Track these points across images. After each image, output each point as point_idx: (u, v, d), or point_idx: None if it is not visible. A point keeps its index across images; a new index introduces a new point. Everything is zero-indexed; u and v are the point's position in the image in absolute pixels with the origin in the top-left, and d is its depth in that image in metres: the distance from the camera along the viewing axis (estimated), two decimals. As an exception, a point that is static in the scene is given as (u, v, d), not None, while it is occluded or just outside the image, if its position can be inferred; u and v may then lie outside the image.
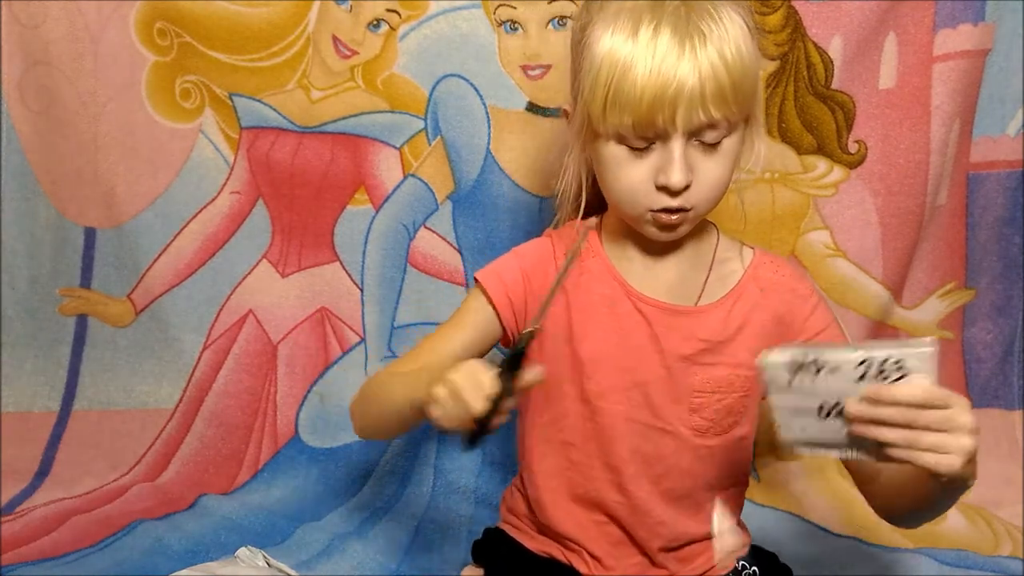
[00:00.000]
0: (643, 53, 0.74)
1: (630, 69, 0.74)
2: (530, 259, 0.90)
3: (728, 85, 0.74)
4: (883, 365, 0.67)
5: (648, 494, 0.88)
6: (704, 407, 0.86)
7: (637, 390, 0.86)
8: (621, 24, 0.76)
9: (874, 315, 1.29)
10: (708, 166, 0.78)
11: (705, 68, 0.74)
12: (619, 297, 0.86)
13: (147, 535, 1.16)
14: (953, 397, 0.66)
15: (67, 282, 1.36)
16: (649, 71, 0.74)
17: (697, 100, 0.74)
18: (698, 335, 0.85)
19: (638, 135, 0.77)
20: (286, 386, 1.34)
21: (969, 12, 1.21)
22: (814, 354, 0.69)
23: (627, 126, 0.76)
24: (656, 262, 0.87)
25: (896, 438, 0.67)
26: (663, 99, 0.74)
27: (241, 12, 1.26)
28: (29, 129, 1.33)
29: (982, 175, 1.28)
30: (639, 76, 0.74)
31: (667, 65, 0.74)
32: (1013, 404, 1.33)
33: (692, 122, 0.75)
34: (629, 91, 0.75)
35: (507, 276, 0.89)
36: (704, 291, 0.87)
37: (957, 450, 0.65)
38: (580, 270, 0.88)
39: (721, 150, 0.78)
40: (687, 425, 0.86)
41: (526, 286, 0.88)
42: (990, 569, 1.14)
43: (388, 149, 1.29)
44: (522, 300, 0.89)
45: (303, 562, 1.12)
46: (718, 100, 0.75)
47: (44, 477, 1.30)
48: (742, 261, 0.89)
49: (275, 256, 1.34)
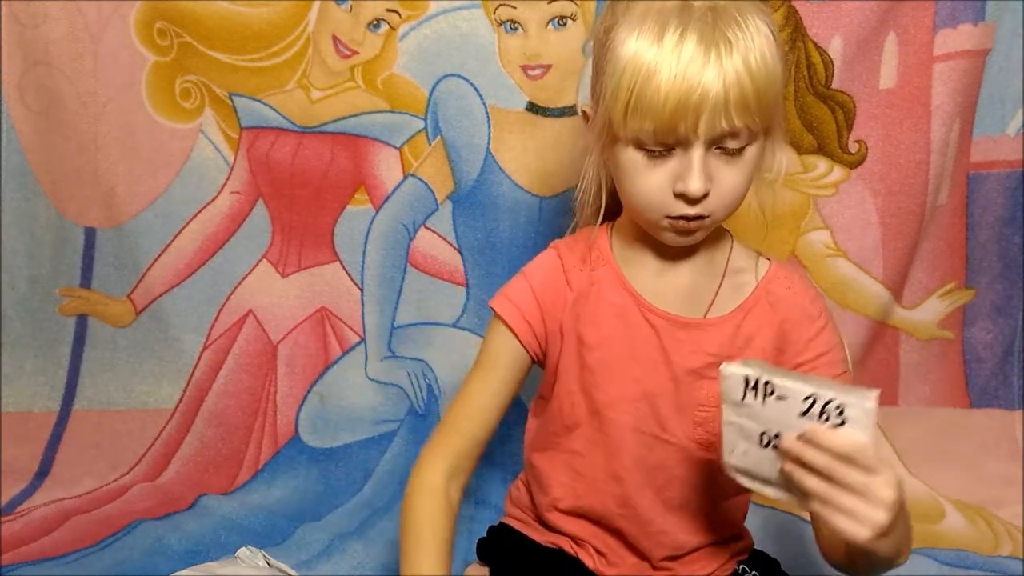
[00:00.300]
0: (668, 58, 0.73)
1: (654, 74, 0.73)
2: (540, 278, 0.89)
3: (752, 94, 0.73)
4: (826, 407, 0.64)
5: (651, 503, 0.87)
6: (708, 421, 0.85)
7: (645, 401, 0.86)
8: (647, 28, 0.75)
9: (874, 315, 1.29)
10: (728, 174, 0.78)
11: (730, 76, 0.73)
12: (629, 307, 0.86)
13: (147, 535, 1.16)
14: (882, 466, 0.64)
15: (67, 282, 1.36)
16: (674, 77, 0.73)
17: (720, 108, 0.73)
18: (706, 349, 0.85)
19: (659, 141, 0.76)
20: (286, 386, 1.34)
21: (969, 12, 1.21)
22: (769, 376, 0.67)
23: (648, 132, 0.75)
24: (668, 269, 0.86)
25: (815, 488, 0.65)
26: (686, 106, 0.73)
27: (241, 12, 1.26)
28: (29, 129, 1.33)
29: (982, 175, 1.28)
30: (663, 82, 0.73)
31: (692, 71, 0.72)
32: (1013, 404, 1.33)
33: (715, 130, 0.74)
34: (652, 96, 0.74)
35: (521, 301, 0.88)
36: (715, 301, 0.86)
37: (867, 521, 0.63)
38: (591, 279, 0.87)
39: (742, 159, 0.78)
40: (691, 438, 0.86)
41: (541, 307, 0.88)
42: (990, 569, 1.14)
43: (388, 149, 1.29)
44: (540, 323, 0.88)
45: (303, 562, 1.12)
46: (741, 108, 0.74)
47: (44, 477, 1.30)
48: (756, 273, 0.87)
49: (275, 256, 1.34)
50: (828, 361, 0.86)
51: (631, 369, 0.86)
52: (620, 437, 0.87)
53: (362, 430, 1.32)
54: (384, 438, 1.32)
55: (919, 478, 1.28)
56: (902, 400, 1.33)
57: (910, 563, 1.14)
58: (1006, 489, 1.27)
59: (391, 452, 1.31)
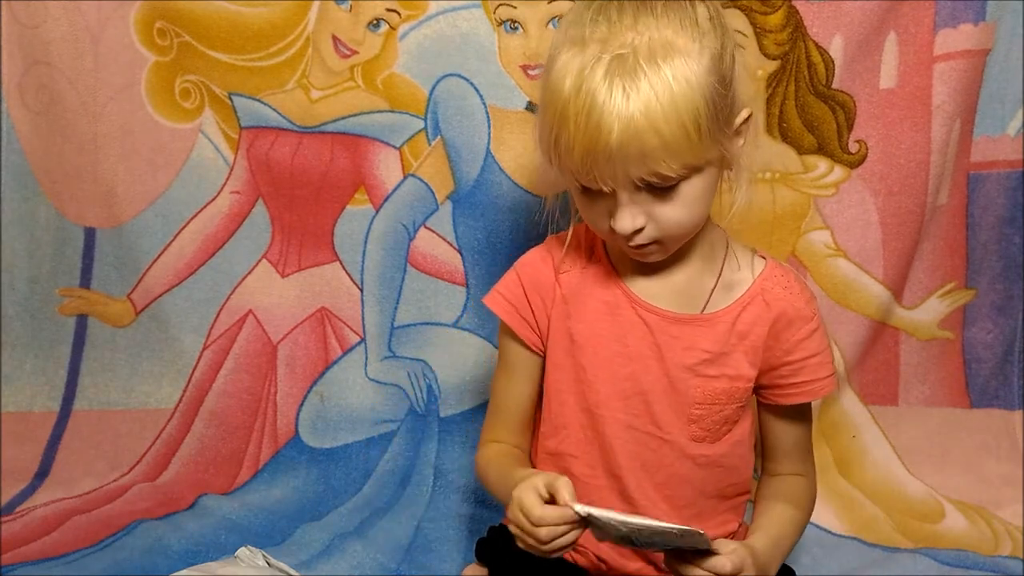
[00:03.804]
0: (574, 103, 0.72)
1: (564, 120, 0.73)
2: (529, 274, 0.89)
3: (658, 143, 0.71)
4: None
5: (652, 502, 0.87)
6: (703, 418, 0.86)
7: (638, 398, 0.86)
8: (564, 65, 0.73)
9: (875, 315, 1.29)
10: (663, 210, 0.76)
11: (628, 127, 0.70)
12: (621, 303, 0.86)
13: (147, 535, 1.16)
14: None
15: (67, 282, 1.35)
16: (578, 127, 0.72)
17: (623, 158, 0.71)
18: (700, 345, 0.84)
19: (585, 183, 0.76)
20: (286, 386, 1.34)
21: (969, 12, 1.21)
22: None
23: (570, 174, 0.76)
24: (662, 267, 0.85)
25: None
26: (592, 156, 0.72)
27: (241, 12, 1.26)
28: (29, 129, 1.33)
29: (982, 175, 1.28)
30: (571, 132, 0.72)
31: (592, 121, 0.71)
32: (1013, 404, 1.32)
33: (628, 178, 0.73)
34: (565, 144, 0.73)
35: (511, 296, 0.89)
36: (710, 299, 0.86)
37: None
38: (582, 275, 0.87)
39: (678, 195, 0.76)
40: (687, 435, 0.86)
41: (531, 302, 0.88)
42: (990, 569, 1.14)
43: (388, 149, 1.29)
44: (531, 315, 0.89)
45: (303, 562, 1.12)
46: (648, 158, 0.72)
47: (44, 477, 1.30)
48: (752, 271, 0.87)
49: (275, 256, 1.34)
50: (816, 363, 0.86)
51: (623, 366, 0.86)
52: (614, 435, 0.87)
53: (362, 430, 1.32)
54: (384, 438, 1.32)
55: (919, 478, 1.28)
56: (902, 400, 1.33)
57: (910, 563, 1.15)
58: (1006, 489, 1.27)
59: (391, 452, 1.31)
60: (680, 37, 0.73)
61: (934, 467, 1.29)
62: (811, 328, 0.86)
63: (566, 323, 0.87)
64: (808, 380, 0.87)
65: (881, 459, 1.30)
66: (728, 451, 0.88)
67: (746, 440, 0.90)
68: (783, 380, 0.87)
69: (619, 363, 0.86)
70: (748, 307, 0.85)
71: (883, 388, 1.32)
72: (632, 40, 0.72)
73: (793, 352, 0.86)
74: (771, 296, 0.86)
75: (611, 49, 0.72)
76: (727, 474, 0.90)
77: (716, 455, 0.88)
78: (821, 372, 0.87)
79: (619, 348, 0.86)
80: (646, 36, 0.72)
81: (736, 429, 0.88)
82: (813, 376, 0.87)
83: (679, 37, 0.73)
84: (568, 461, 0.89)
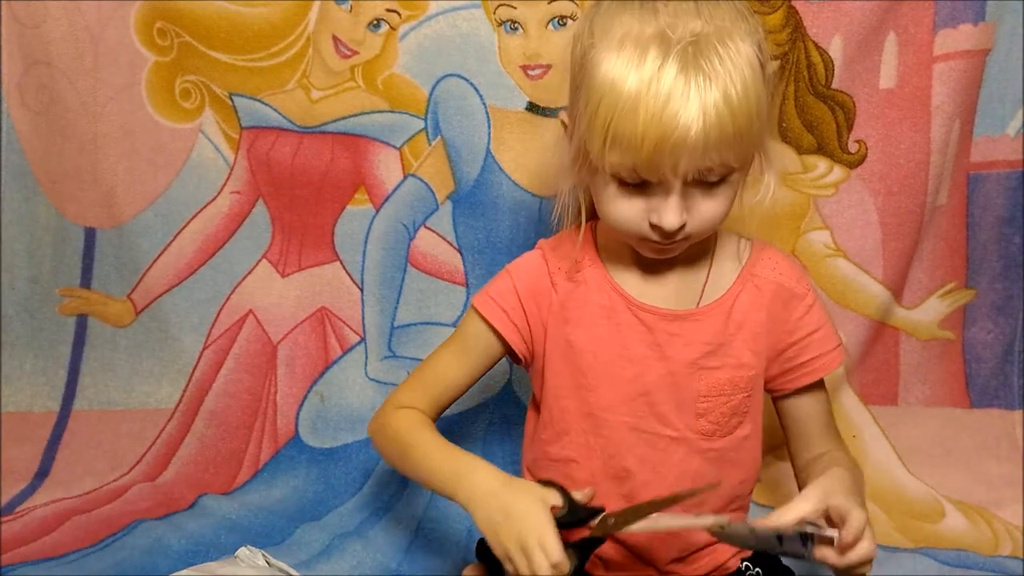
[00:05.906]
0: (646, 94, 0.70)
1: (632, 111, 0.71)
2: (525, 281, 0.88)
3: (732, 132, 0.71)
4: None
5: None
6: (710, 411, 0.85)
7: (642, 399, 0.86)
8: (624, 58, 0.72)
9: (874, 315, 1.29)
10: (706, 204, 0.77)
11: (710, 115, 0.70)
12: (618, 307, 0.85)
13: (147, 535, 1.16)
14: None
15: (67, 282, 1.35)
16: (651, 116, 0.70)
17: (700, 148, 0.71)
18: (700, 338, 0.85)
19: (637, 177, 0.75)
20: (286, 386, 1.34)
21: (969, 12, 1.21)
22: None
23: (627, 167, 0.74)
24: (655, 265, 0.86)
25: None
26: (665, 147, 0.71)
27: (241, 12, 1.26)
28: (29, 129, 1.33)
29: (982, 175, 1.28)
30: (640, 121, 0.70)
31: (670, 110, 0.70)
32: (1013, 404, 1.32)
33: (695, 169, 0.73)
34: (630, 135, 0.71)
35: (505, 302, 0.88)
36: (704, 292, 0.86)
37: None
38: (576, 281, 0.87)
39: (721, 187, 0.76)
40: (694, 430, 0.86)
41: (525, 310, 0.88)
42: (990, 569, 1.14)
43: (388, 149, 1.29)
44: (524, 322, 0.88)
45: (303, 562, 1.12)
46: (722, 147, 0.72)
47: (44, 477, 1.30)
48: (739, 257, 0.87)
49: (275, 256, 1.34)
50: (821, 337, 0.86)
51: (625, 369, 0.85)
52: (620, 439, 0.86)
53: (362, 430, 1.32)
54: (384, 438, 1.32)
55: (919, 478, 1.28)
56: (902, 400, 1.33)
57: (910, 563, 1.15)
58: (1006, 489, 1.27)
59: (391, 452, 1.31)
60: (737, 26, 0.73)
61: (934, 467, 1.29)
62: (807, 304, 0.87)
63: (564, 329, 0.87)
64: (817, 355, 0.88)
65: (881, 459, 1.30)
66: (737, 445, 0.88)
67: (755, 435, 0.90)
68: (793, 361, 0.88)
69: (621, 366, 0.86)
70: (741, 294, 0.86)
71: (883, 388, 1.33)
72: (701, 28, 0.72)
73: (795, 331, 0.86)
74: (761, 280, 0.86)
75: (680, 38, 0.71)
76: (737, 470, 0.89)
77: (726, 450, 0.87)
78: (828, 344, 0.87)
79: (620, 351, 0.86)
80: (712, 24, 0.72)
81: (745, 422, 0.88)
82: (821, 350, 0.87)
83: (736, 26, 0.73)
84: (571, 467, 0.89)
